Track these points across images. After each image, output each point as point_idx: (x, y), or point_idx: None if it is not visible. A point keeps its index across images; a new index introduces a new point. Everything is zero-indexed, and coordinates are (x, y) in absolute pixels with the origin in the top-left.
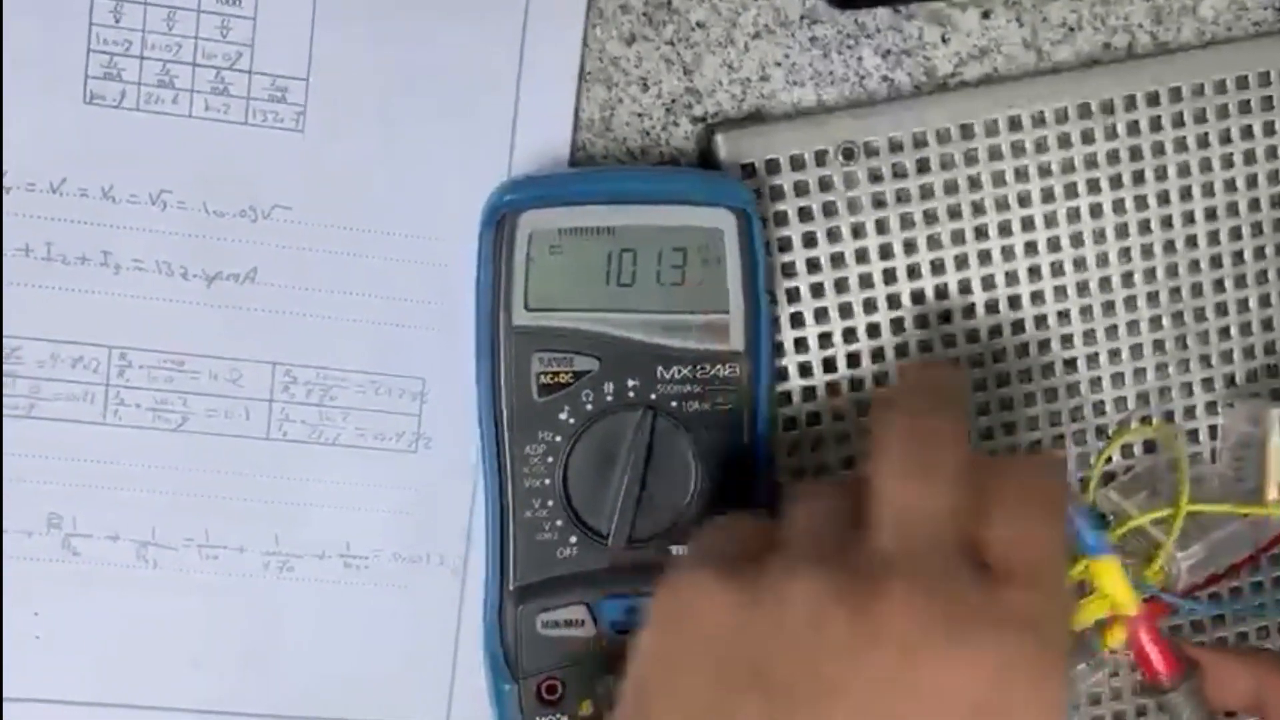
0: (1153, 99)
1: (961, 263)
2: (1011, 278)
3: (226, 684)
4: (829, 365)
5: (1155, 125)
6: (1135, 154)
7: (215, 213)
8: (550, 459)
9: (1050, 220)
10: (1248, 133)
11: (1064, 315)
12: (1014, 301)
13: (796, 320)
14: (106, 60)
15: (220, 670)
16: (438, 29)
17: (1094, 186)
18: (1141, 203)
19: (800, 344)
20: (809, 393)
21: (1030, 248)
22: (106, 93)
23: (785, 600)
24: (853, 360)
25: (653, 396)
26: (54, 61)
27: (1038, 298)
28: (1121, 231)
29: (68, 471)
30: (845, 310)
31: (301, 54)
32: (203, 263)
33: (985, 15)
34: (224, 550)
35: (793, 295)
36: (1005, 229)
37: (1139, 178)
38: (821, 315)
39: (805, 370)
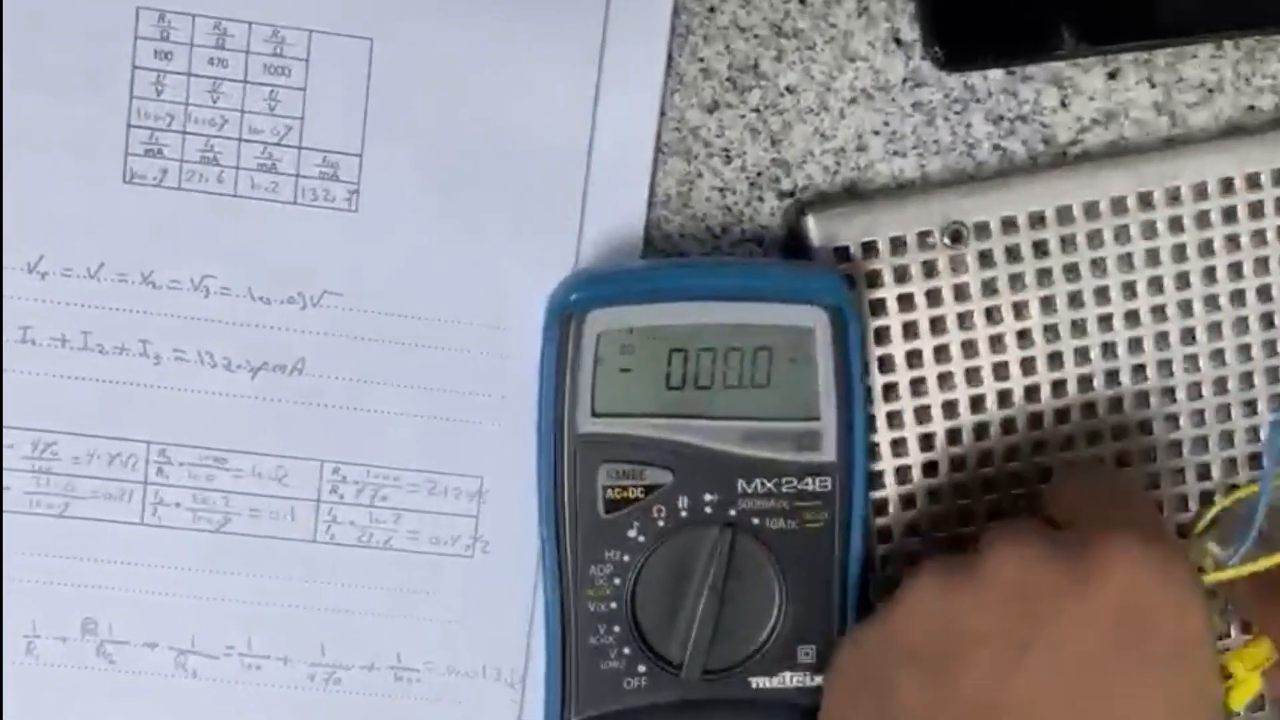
0: None
1: (1082, 357)
2: (1139, 373)
3: None
4: (929, 469)
5: None
6: None
7: (261, 299)
8: (618, 580)
9: (1185, 309)
10: None
11: (1198, 416)
12: (1141, 399)
13: (894, 420)
14: (147, 135)
15: None
16: (503, 98)
17: (1236, 271)
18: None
19: (898, 446)
20: (908, 501)
21: (1161, 340)
22: (147, 171)
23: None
24: (956, 464)
25: (732, 513)
26: (92, 138)
27: (1168, 395)
28: (1267, 322)
29: (103, 574)
30: (949, 409)
31: (355, 127)
32: (247, 353)
33: (1111, 76)
34: (267, 660)
35: (890, 392)
36: (1133, 319)
37: None
38: (923, 415)
39: (903, 476)
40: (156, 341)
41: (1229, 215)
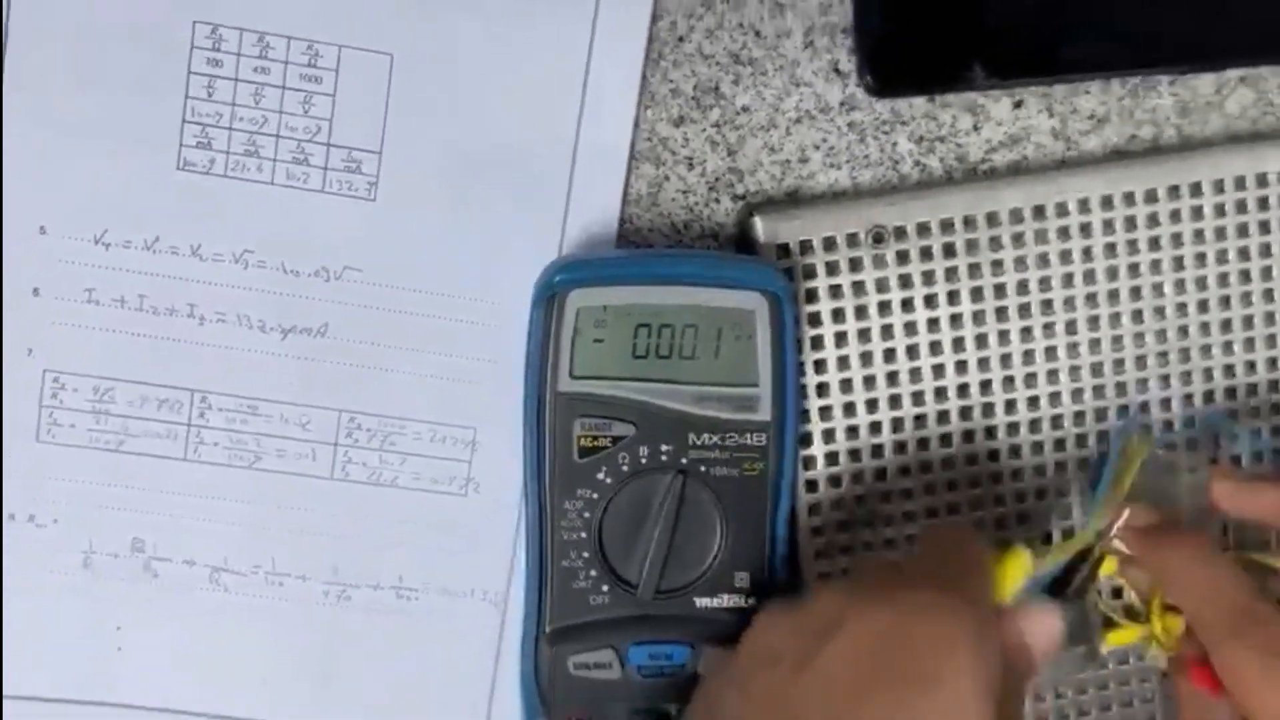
0: (1174, 192)
1: (981, 342)
2: (1028, 357)
3: (290, 698)
4: (853, 432)
5: (1175, 217)
6: (1154, 244)
7: (292, 272)
8: (587, 514)
9: (1069, 304)
10: (1264, 228)
11: (1077, 394)
12: (1030, 379)
13: (823, 390)
14: (199, 131)
15: (285, 686)
16: (502, 112)
17: (1113, 274)
18: (1158, 290)
19: (825, 412)
20: (832, 457)
21: (1048, 329)
22: (198, 160)
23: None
24: (875, 428)
25: (684, 461)
26: (152, 130)
27: (1053, 376)
28: (1136, 317)
29: (151, 501)
30: (869, 382)
31: (376, 130)
32: (279, 317)
33: (1017, 105)
34: (288, 578)
35: (820, 366)
36: (1025, 311)
37: (1156, 267)
38: (846, 386)
39: (829, 437)
40: (201, 305)
41: (1108, 226)
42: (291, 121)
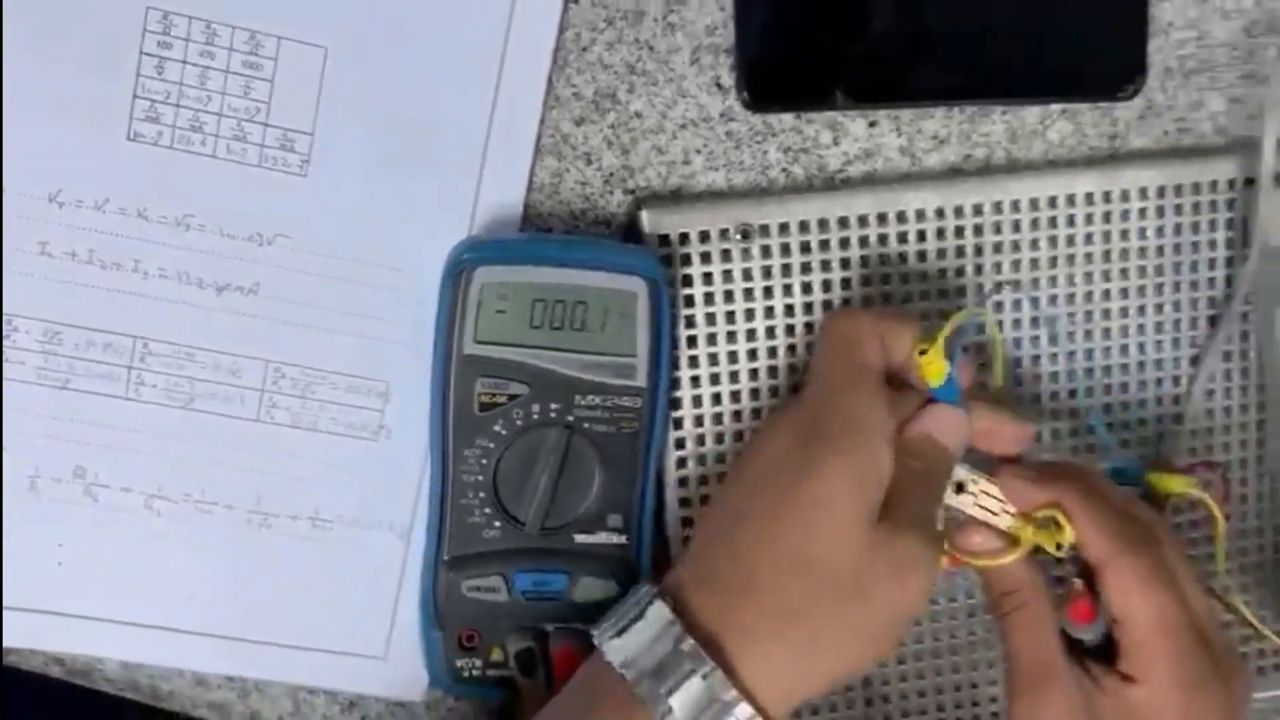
0: (998, 207)
1: None
2: None
3: (214, 612)
4: (716, 399)
5: (997, 229)
6: (978, 250)
7: (229, 236)
8: (484, 460)
9: (907, 299)
10: (1070, 241)
11: None
12: None
13: (693, 362)
14: (149, 106)
15: (210, 601)
16: (422, 105)
17: (942, 274)
18: (979, 289)
19: (694, 381)
20: (698, 420)
21: None
22: (146, 132)
23: None
24: (735, 396)
25: (570, 418)
26: (106, 103)
27: None
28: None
29: (93, 434)
30: (732, 357)
31: (309, 114)
32: (215, 276)
33: (871, 125)
34: (216, 506)
35: (692, 342)
36: (867, 302)
37: (979, 270)
38: (713, 360)
39: (697, 402)
40: (145, 262)
41: (940, 234)
42: (233, 102)
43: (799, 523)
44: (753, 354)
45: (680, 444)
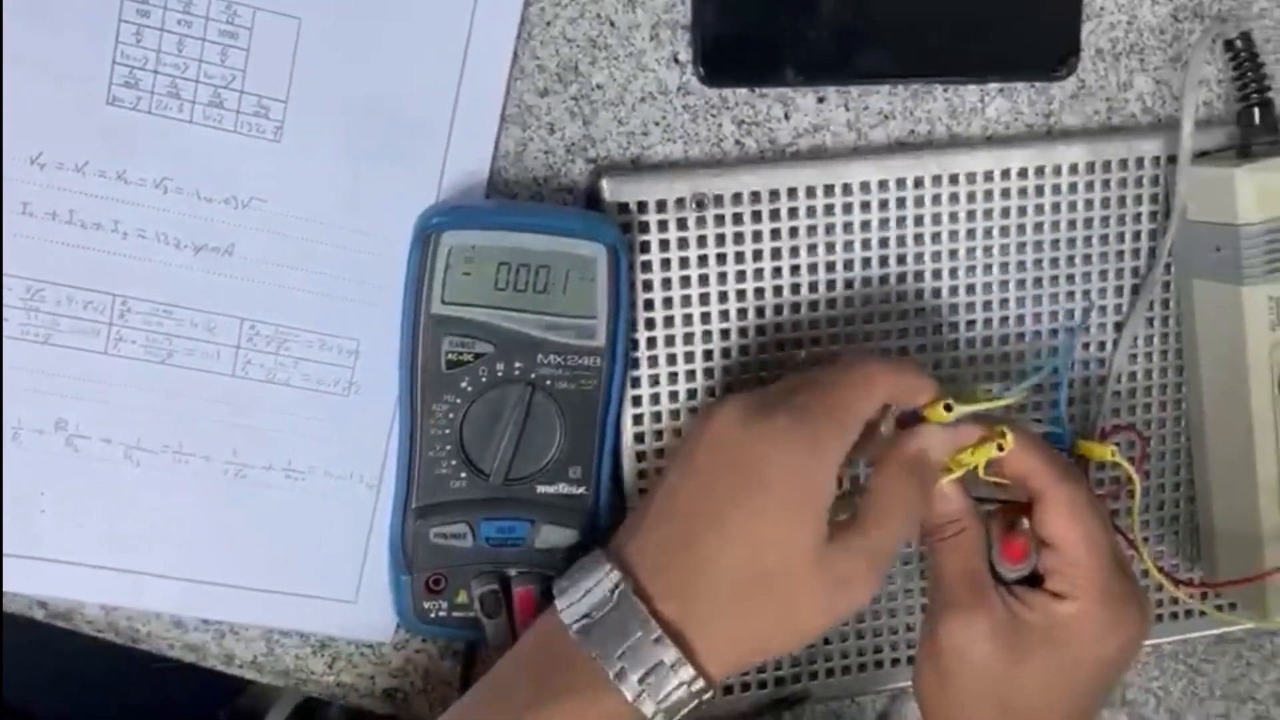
0: (937, 180)
1: (777, 292)
2: (813, 306)
3: (192, 558)
4: (671, 359)
5: (936, 200)
6: (919, 221)
7: (205, 199)
8: (451, 415)
9: (848, 265)
10: (1005, 213)
11: (851, 337)
12: (813, 324)
13: (650, 324)
14: (128, 72)
15: (187, 547)
16: (392, 74)
17: (884, 243)
18: (919, 259)
19: (651, 342)
20: (654, 379)
21: (830, 285)
22: (126, 97)
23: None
24: (689, 357)
25: (533, 376)
26: (86, 68)
27: (832, 321)
28: (900, 279)
29: (74, 388)
30: (688, 319)
31: (283, 82)
32: (192, 236)
33: (820, 100)
34: (193, 457)
35: (649, 305)
36: (813, 269)
37: (919, 239)
38: (669, 321)
39: (653, 362)
40: (125, 222)
41: (883, 205)
42: (210, 70)
43: (749, 532)
44: (705, 316)
45: (637, 401)
